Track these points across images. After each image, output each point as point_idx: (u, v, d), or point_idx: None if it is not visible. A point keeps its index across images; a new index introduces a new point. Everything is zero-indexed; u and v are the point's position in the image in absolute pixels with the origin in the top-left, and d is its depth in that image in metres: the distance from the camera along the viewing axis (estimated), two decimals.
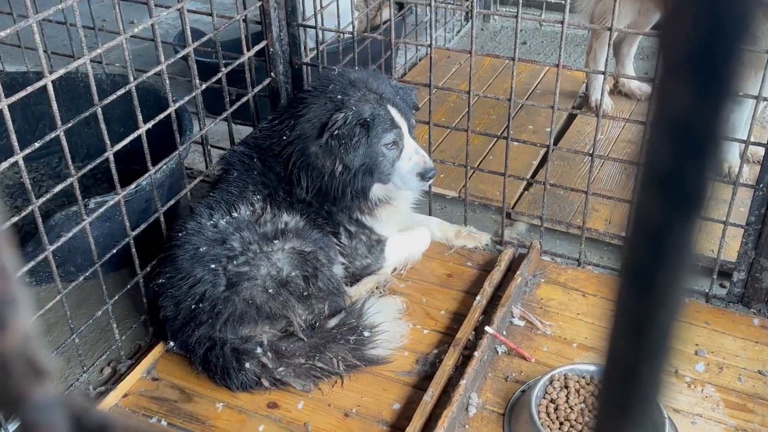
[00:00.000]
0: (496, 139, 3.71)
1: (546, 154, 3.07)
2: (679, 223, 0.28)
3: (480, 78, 4.37)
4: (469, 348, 2.59)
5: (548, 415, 2.30)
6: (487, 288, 2.81)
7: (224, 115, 3.03)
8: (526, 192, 3.44)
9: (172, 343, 2.54)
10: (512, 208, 3.32)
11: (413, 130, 2.75)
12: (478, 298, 2.77)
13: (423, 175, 2.68)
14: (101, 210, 2.45)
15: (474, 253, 3.08)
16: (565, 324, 2.72)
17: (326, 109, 2.64)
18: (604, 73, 2.67)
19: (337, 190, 2.68)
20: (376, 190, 2.75)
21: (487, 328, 2.58)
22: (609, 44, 2.73)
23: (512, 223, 3.30)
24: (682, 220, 0.28)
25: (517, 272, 2.84)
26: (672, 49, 0.26)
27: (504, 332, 2.67)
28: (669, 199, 0.28)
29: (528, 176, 3.49)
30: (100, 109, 2.30)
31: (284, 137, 2.73)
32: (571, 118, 3.96)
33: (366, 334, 2.55)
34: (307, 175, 2.67)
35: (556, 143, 3.62)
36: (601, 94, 2.73)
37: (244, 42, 3.04)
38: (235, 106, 3.07)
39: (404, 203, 2.92)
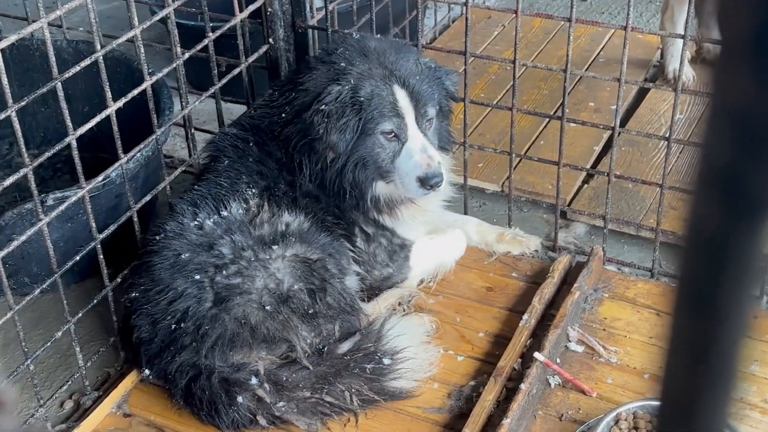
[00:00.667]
0: (548, 119, 3.71)
1: (611, 138, 3.06)
2: (741, 231, 0.29)
3: (528, 43, 4.37)
4: (515, 379, 2.60)
5: None
6: (537, 305, 2.81)
7: (212, 90, 3.06)
8: (585, 185, 3.44)
9: (147, 372, 2.58)
10: (568, 205, 3.32)
11: (430, 121, 2.72)
12: (525, 317, 2.78)
13: (423, 181, 2.65)
14: (61, 208, 2.49)
15: (520, 262, 3.09)
16: (634, 350, 2.72)
17: (327, 78, 2.68)
18: (683, 36, 2.67)
19: (333, 183, 2.71)
20: (382, 189, 2.76)
21: (536, 354, 2.58)
22: (689, 0, 2.72)
23: (568, 224, 3.30)
24: (745, 227, 0.29)
25: (575, 285, 2.84)
26: (732, 30, 0.27)
27: (558, 360, 2.67)
28: (729, 203, 0.29)
29: (588, 166, 3.49)
30: (60, 84, 2.34)
31: (284, 114, 2.76)
32: (643, 93, 3.95)
33: (386, 361, 2.57)
34: (310, 162, 2.70)
35: (623, 124, 3.61)
36: (680, 63, 2.72)
37: (236, 1, 3.07)
38: (224, 80, 3.10)
39: (432, 202, 2.93)
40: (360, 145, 2.66)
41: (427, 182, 2.64)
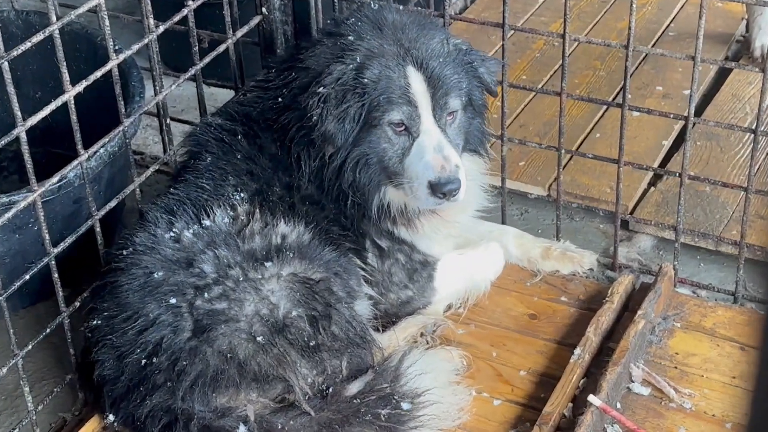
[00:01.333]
0: (605, 107, 3.69)
1: (683, 131, 3.05)
2: None
3: (581, 13, 4.36)
4: (564, 429, 2.58)
5: None
6: (592, 336, 2.80)
7: (192, 71, 3.06)
8: (652, 188, 3.43)
9: (111, 417, 2.57)
10: (631, 213, 3.31)
11: (453, 115, 2.69)
12: (577, 351, 2.76)
13: (435, 187, 2.62)
14: (8, 215, 2.49)
15: (571, 283, 3.08)
16: (713, 393, 2.70)
17: (331, 55, 2.69)
18: None
19: (332, 185, 2.71)
20: (392, 195, 2.75)
21: (591, 398, 2.57)
22: None
23: (631, 237, 3.28)
24: None
25: (639, 312, 2.82)
26: None
27: (618, 405, 2.66)
28: None
29: (655, 164, 3.47)
30: (6, 63, 2.34)
31: (281, 99, 2.77)
32: (724, 74, 3.93)
33: (405, 406, 2.56)
34: (309, 158, 2.71)
35: (699, 113, 3.59)
36: None
37: None
38: (207, 59, 3.10)
39: (459, 212, 2.91)
40: (363, 138, 2.66)
41: (440, 189, 2.62)
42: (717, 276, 3.14)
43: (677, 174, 2.96)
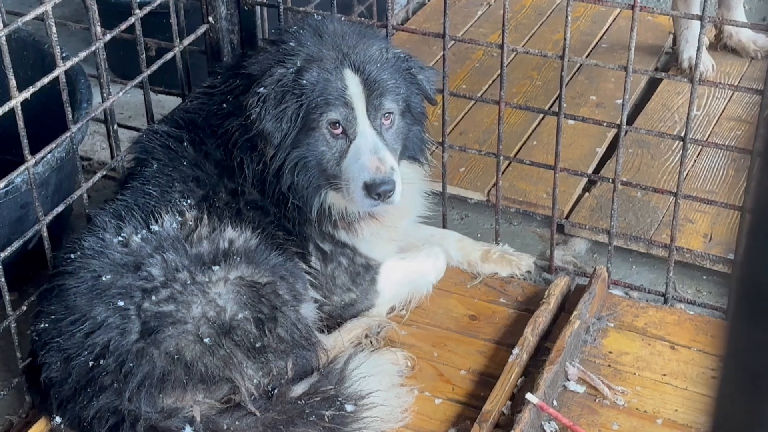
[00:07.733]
0: (542, 115, 3.72)
1: (616, 138, 3.08)
2: None
3: (518, 25, 4.39)
4: (503, 426, 2.59)
5: None
6: (530, 336, 2.81)
7: (139, 79, 3.04)
8: (586, 194, 3.45)
9: (58, 419, 2.53)
10: (566, 217, 3.33)
11: (388, 117, 2.68)
12: (516, 351, 2.78)
13: (370, 188, 2.62)
14: None
15: (510, 285, 3.09)
16: (644, 390, 2.72)
17: (272, 60, 2.69)
18: (701, 18, 2.69)
19: (273, 188, 2.70)
20: (333, 198, 2.74)
21: (528, 396, 2.58)
22: None
23: (566, 240, 3.30)
24: None
25: (574, 313, 2.85)
26: None
27: (555, 402, 2.67)
28: None
29: (589, 170, 3.50)
30: None
31: (225, 104, 2.76)
32: (654, 84, 3.98)
33: (349, 408, 2.55)
34: (252, 161, 2.70)
35: (630, 122, 3.63)
36: (697, 50, 2.74)
37: None
38: (154, 66, 3.07)
39: (398, 218, 2.89)
40: (302, 141, 2.65)
41: (374, 189, 2.60)
42: (648, 277, 3.17)
43: (610, 180, 2.99)
